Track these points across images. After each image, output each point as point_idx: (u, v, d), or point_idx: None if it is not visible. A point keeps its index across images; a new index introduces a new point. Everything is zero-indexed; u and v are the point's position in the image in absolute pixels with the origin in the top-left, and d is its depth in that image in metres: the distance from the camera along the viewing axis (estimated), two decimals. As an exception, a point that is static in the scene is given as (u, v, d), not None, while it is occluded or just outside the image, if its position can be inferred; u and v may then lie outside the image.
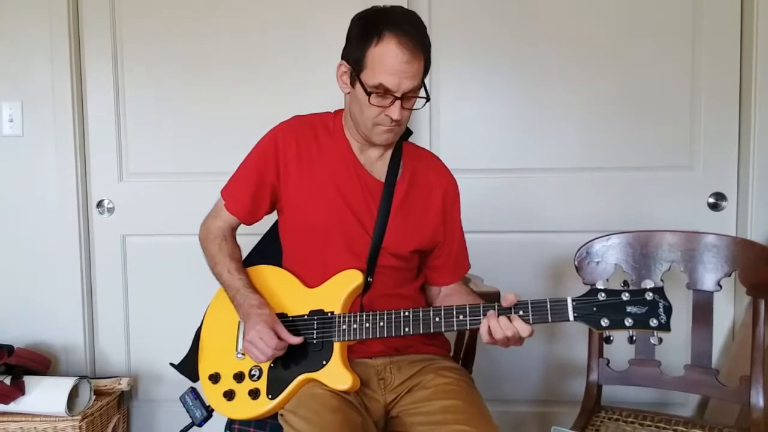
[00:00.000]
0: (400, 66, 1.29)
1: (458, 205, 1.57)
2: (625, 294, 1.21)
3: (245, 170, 1.51)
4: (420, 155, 1.56)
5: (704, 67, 2.11)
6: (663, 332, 1.19)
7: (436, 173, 1.54)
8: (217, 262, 1.48)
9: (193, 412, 1.46)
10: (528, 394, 2.27)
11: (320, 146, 1.46)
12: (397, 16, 1.32)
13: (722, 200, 2.13)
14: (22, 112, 2.28)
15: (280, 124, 1.50)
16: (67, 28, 2.23)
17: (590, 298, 1.22)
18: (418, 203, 1.48)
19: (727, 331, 2.13)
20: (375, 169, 1.47)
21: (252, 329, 1.34)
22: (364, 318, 1.35)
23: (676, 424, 1.62)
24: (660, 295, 1.20)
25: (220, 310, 1.49)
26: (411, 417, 1.35)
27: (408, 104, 1.36)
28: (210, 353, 1.46)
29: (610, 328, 1.20)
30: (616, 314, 1.20)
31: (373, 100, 1.32)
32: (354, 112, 1.40)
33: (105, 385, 2.24)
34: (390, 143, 1.45)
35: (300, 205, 1.45)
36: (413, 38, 1.29)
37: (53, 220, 2.30)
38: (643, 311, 1.19)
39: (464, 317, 1.29)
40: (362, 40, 1.32)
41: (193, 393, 1.48)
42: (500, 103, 2.20)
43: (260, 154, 1.49)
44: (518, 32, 2.17)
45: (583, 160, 2.18)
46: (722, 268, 1.65)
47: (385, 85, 1.30)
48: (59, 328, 2.34)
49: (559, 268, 2.18)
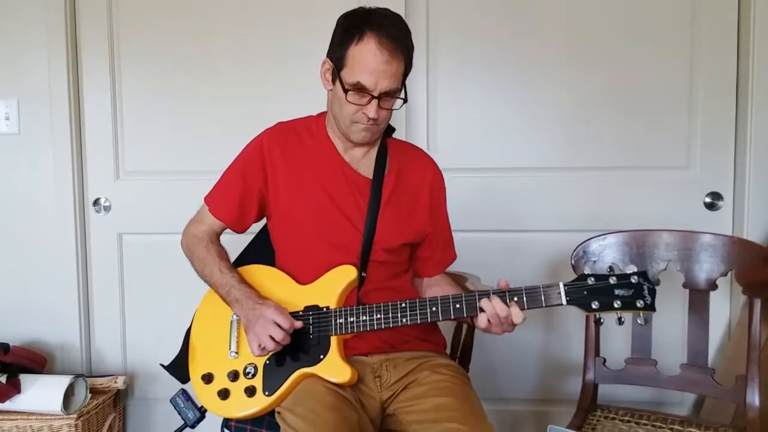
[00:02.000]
0: (378, 65, 1.31)
1: (444, 196, 1.59)
2: (612, 278, 1.26)
3: (230, 177, 1.52)
4: (405, 149, 1.59)
5: (701, 66, 2.11)
6: (649, 312, 1.25)
7: (422, 165, 1.56)
8: (207, 263, 1.47)
9: (186, 414, 1.46)
10: (524, 393, 2.27)
11: (305, 149, 1.48)
12: (381, 17, 1.35)
13: (719, 200, 2.14)
14: (19, 110, 2.27)
15: (264, 131, 1.52)
16: (64, 26, 2.23)
17: (580, 282, 1.27)
18: (406, 197, 1.50)
19: (723, 330, 2.14)
20: (361, 166, 1.49)
21: (261, 317, 1.33)
22: (360, 311, 1.35)
23: (672, 423, 1.63)
24: (644, 278, 1.25)
25: (210, 311, 1.49)
26: (406, 414, 1.35)
27: (386, 104, 1.37)
28: (201, 354, 1.46)
29: (600, 310, 1.25)
30: (605, 297, 1.25)
31: (350, 97, 1.34)
32: (334, 110, 1.43)
33: (101, 384, 2.24)
34: (368, 142, 1.46)
35: (289, 209, 1.46)
36: (394, 39, 1.31)
37: (49, 218, 2.30)
38: (629, 293, 1.25)
39: (461, 305, 1.30)
40: (344, 38, 1.34)
41: (184, 395, 1.48)
42: (496, 102, 2.20)
43: (246, 161, 1.50)
44: (513, 31, 2.17)
45: (579, 160, 2.18)
46: (718, 268, 1.65)
47: (362, 83, 1.32)
48: (55, 327, 2.33)
49: (555, 268, 2.19)
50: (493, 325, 1.29)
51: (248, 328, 1.36)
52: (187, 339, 1.53)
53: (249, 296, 1.38)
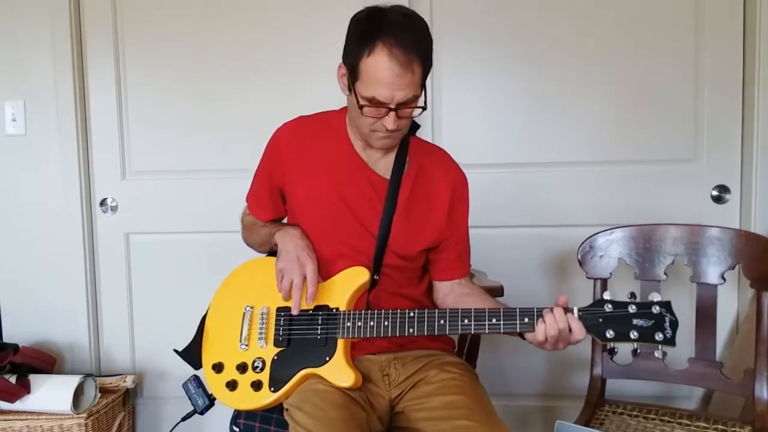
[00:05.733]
0: (391, 79, 1.25)
1: (466, 204, 1.54)
2: (632, 306, 1.19)
3: (259, 174, 1.54)
4: (427, 150, 1.53)
5: (707, 59, 2.10)
6: (668, 347, 1.18)
7: (445, 169, 1.51)
8: (257, 230, 1.53)
9: (196, 400, 1.47)
10: (532, 389, 2.28)
11: (322, 146, 1.46)
12: (393, 21, 1.27)
13: (726, 193, 2.13)
14: (25, 111, 2.28)
15: (282, 125, 1.50)
16: (69, 27, 2.24)
17: (596, 309, 1.21)
18: (423, 201, 1.46)
19: (731, 323, 2.13)
20: (379, 166, 1.45)
21: (291, 240, 1.38)
22: (368, 316, 1.34)
23: (681, 418, 1.62)
24: (667, 309, 1.19)
25: (225, 299, 1.49)
26: (415, 412, 1.35)
27: (405, 113, 1.32)
28: (214, 342, 1.46)
29: (615, 340, 1.19)
30: (622, 326, 1.19)
31: (366, 111, 1.30)
32: (352, 116, 1.40)
33: (110, 383, 2.25)
34: (389, 147, 1.43)
35: (303, 206, 1.45)
36: (407, 47, 1.24)
37: (57, 218, 2.31)
38: (648, 324, 1.18)
39: (469, 321, 1.28)
40: (357, 47, 1.28)
41: (196, 381, 1.48)
42: (502, 98, 2.19)
43: (266, 156, 1.51)
44: (521, 26, 2.16)
45: (585, 154, 2.18)
46: (726, 261, 1.65)
47: (378, 98, 1.27)
48: (64, 327, 2.35)
49: (562, 263, 2.18)
50: (548, 340, 1.22)
51: (282, 251, 1.38)
52: (201, 326, 1.53)
53: (292, 231, 1.41)
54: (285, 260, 1.35)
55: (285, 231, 1.42)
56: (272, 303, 1.42)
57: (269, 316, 1.41)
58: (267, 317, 1.41)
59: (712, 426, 1.58)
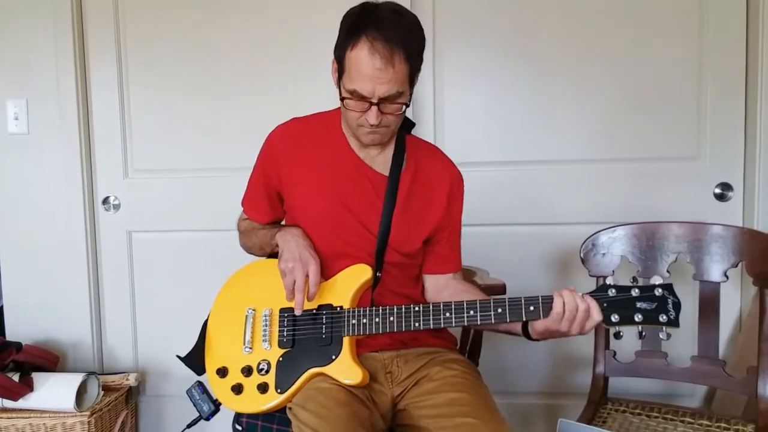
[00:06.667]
0: (372, 72, 1.25)
1: (462, 200, 1.55)
2: (635, 290, 1.21)
3: (254, 177, 1.54)
4: (424, 148, 1.54)
5: (710, 57, 2.10)
6: (672, 328, 1.19)
7: (442, 166, 1.52)
8: (256, 233, 1.52)
9: (201, 406, 1.47)
10: (535, 387, 2.27)
11: (318, 145, 1.46)
12: (380, 16, 1.27)
13: (729, 190, 2.12)
14: (27, 109, 2.29)
15: (276, 127, 1.50)
16: (71, 26, 2.24)
17: (600, 293, 1.22)
18: (421, 197, 1.47)
19: (734, 321, 2.13)
20: (377, 163, 1.45)
21: (292, 239, 1.37)
22: (373, 313, 1.34)
23: (683, 416, 1.62)
24: (669, 291, 1.20)
25: (226, 303, 1.49)
26: (418, 410, 1.35)
27: (389, 108, 1.31)
28: (217, 347, 1.46)
29: (620, 323, 1.20)
30: (626, 310, 1.20)
31: (348, 104, 1.31)
32: (342, 111, 1.41)
33: (113, 381, 2.26)
34: (377, 143, 1.43)
35: (301, 206, 1.45)
36: (389, 41, 1.24)
37: (59, 217, 2.32)
38: (652, 307, 1.19)
39: (474, 313, 1.28)
40: (344, 41, 1.29)
41: (200, 387, 1.48)
42: (505, 96, 2.19)
43: (260, 160, 1.51)
44: (521, 24, 2.16)
45: (588, 152, 2.17)
46: (729, 259, 1.65)
47: (359, 92, 1.27)
48: (67, 325, 2.35)
49: (565, 261, 2.18)
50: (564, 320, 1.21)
51: (285, 248, 1.37)
52: (203, 331, 1.53)
53: (293, 231, 1.41)
54: (287, 260, 1.35)
55: (286, 231, 1.42)
56: (275, 304, 1.42)
57: (272, 317, 1.41)
58: (270, 319, 1.41)
59: (714, 424, 1.58)
